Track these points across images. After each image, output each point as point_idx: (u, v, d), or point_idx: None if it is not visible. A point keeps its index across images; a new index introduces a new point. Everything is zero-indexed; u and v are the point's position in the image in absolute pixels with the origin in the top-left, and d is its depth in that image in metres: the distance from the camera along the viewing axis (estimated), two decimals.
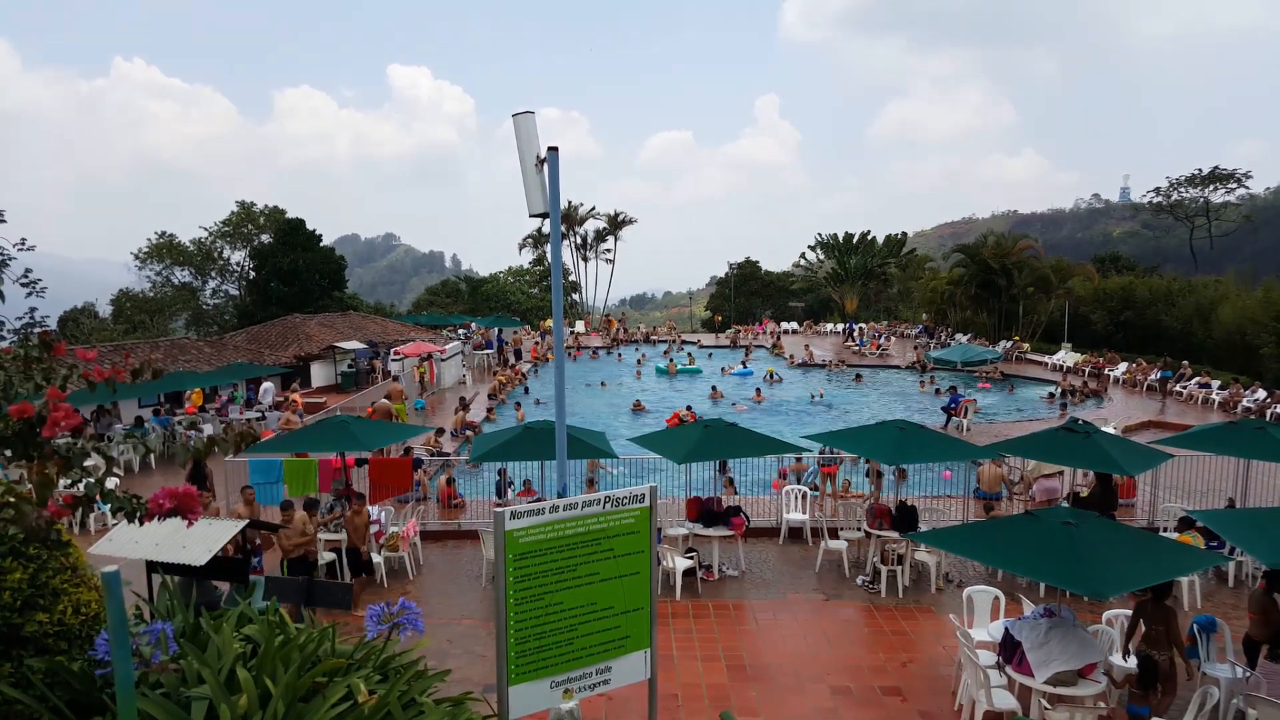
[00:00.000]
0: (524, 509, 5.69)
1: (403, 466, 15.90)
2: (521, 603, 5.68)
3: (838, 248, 67.39)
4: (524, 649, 5.70)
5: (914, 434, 13.30)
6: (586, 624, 5.94)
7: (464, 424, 24.25)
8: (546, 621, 5.77)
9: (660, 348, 48.57)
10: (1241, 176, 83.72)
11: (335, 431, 14.19)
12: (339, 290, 58.89)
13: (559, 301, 7.50)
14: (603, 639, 6.02)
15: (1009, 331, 49.22)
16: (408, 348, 33.73)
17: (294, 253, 55.07)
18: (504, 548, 5.60)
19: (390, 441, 15.42)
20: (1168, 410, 28.66)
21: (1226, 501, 14.94)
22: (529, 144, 7.15)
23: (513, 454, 13.86)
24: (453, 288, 77.81)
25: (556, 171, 7.09)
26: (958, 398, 27.45)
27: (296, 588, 9.03)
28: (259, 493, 15.03)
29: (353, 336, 37.82)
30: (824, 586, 13.12)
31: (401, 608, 3.19)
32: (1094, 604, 11.11)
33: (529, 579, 5.71)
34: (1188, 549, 10.49)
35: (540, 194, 7.15)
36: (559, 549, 5.80)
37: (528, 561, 5.69)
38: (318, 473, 14.74)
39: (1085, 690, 8.36)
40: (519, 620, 5.68)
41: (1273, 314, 37.68)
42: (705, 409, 28.85)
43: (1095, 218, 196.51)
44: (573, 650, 5.89)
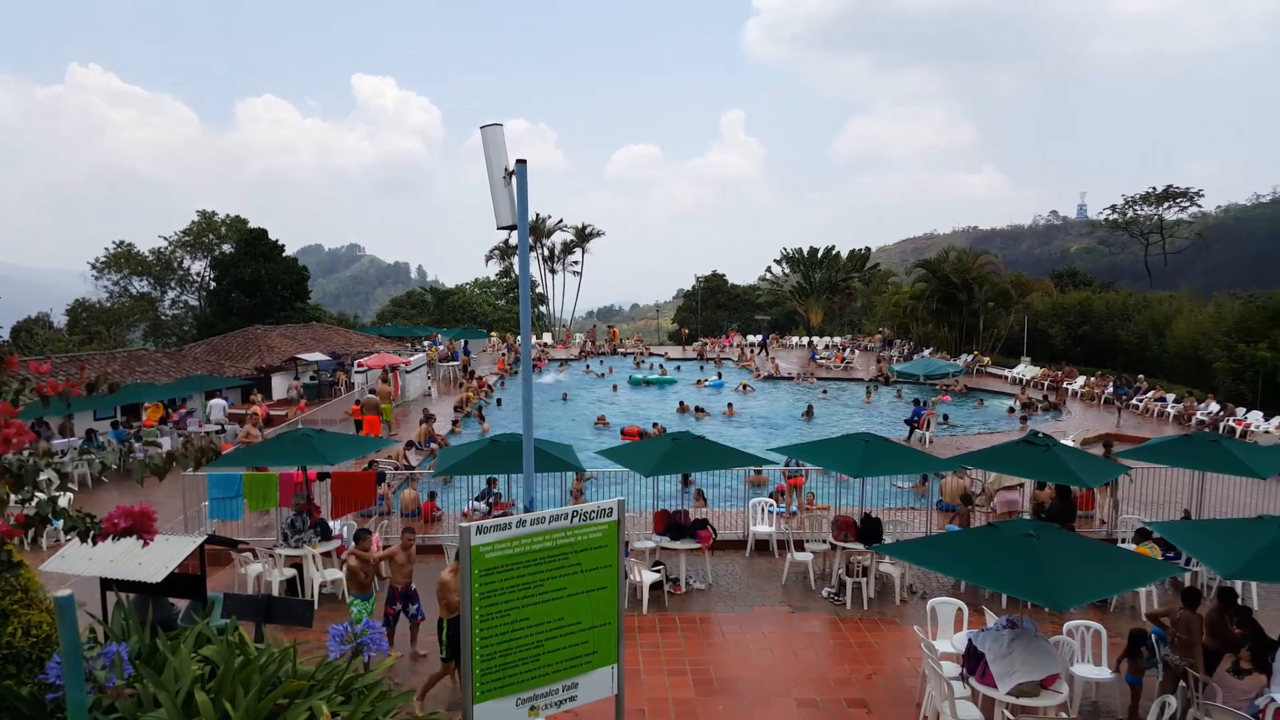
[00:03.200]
0: (490, 524, 5.64)
1: (366, 480, 15.69)
2: (487, 619, 5.62)
3: (803, 262, 67.96)
4: (489, 666, 5.63)
5: (879, 446, 13.40)
6: (553, 640, 5.88)
7: (429, 436, 24.01)
8: (513, 638, 5.71)
9: (628, 360, 48.58)
10: (1194, 195, 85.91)
11: (297, 445, 13.96)
12: (302, 301, 58.16)
13: (527, 314, 7.46)
14: (570, 655, 5.96)
15: (970, 345, 49.89)
16: (372, 359, 33.36)
17: (256, 263, 54.35)
18: (470, 563, 5.54)
19: (354, 455, 15.20)
20: (1124, 423, 29.18)
21: (1182, 513, 15.22)
22: (497, 156, 7.13)
23: (478, 467, 13.76)
24: (418, 299, 77.23)
25: (525, 184, 7.06)
26: (919, 410, 27.72)
27: (255, 605, 8.84)
28: (217, 508, 14.76)
29: (316, 348, 37.36)
30: (790, 599, 13.15)
31: (365, 627, 3.12)
32: (1055, 615, 11.24)
33: (495, 595, 5.64)
34: (1145, 560, 10.67)
35: (508, 206, 7.12)
36: (526, 564, 5.74)
37: (494, 577, 5.63)
38: (278, 487, 14.49)
39: (1047, 701, 8.45)
40: (484, 637, 5.61)
41: (1224, 329, 38.59)
42: (673, 422, 28.83)
43: (1053, 234, 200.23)
44: (539, 667, 5.83)
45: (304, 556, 13.02)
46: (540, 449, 12.59)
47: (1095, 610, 12.25)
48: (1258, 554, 8.35)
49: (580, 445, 17.79)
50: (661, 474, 13.48)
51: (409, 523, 16.72)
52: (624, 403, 35.38)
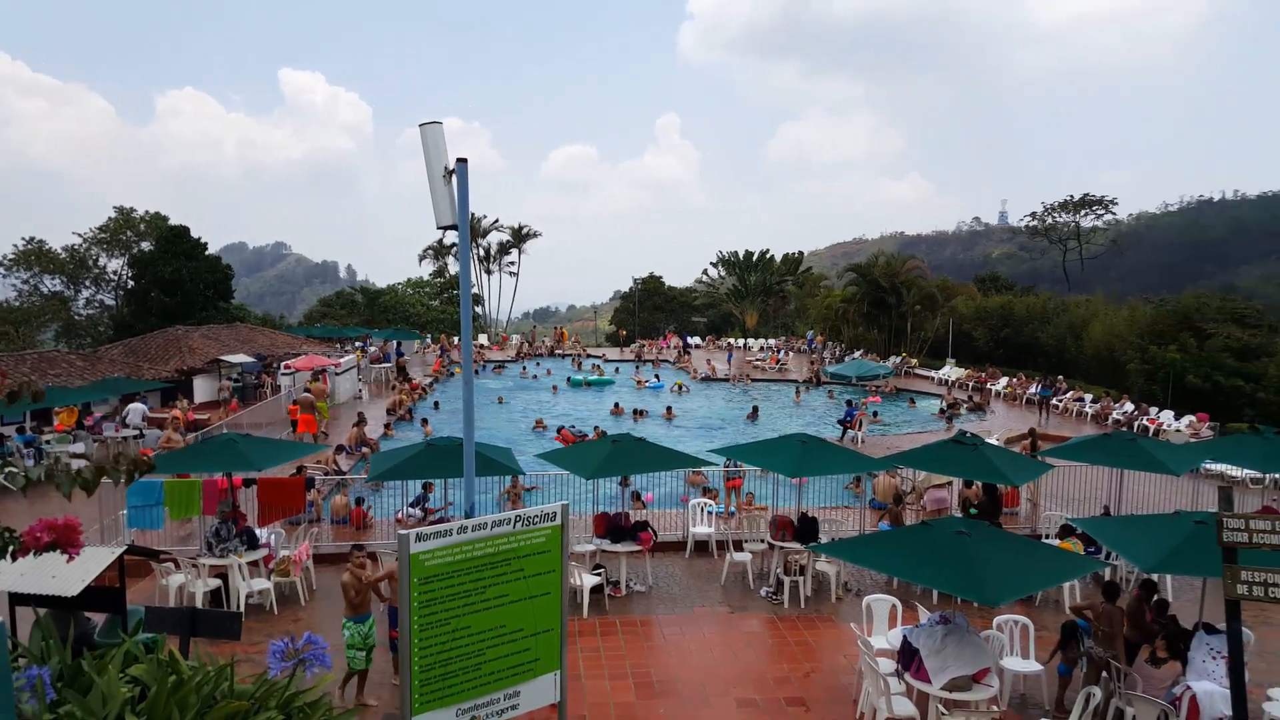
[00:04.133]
0: (430, 530, 5.52)
1: (294, 486, 15.27)
2: (426, 628, 5.50)
3: (738, 265, 68.69)
4: (429, 676, 5.52)
5: (815, 447, 13.57)
6: (495, 648, 5.79)
7: (360, 440, 23.51)
8: (453, 647, 5.60)
9: (566, 361, 48.35)
10: (1108, 203, 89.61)
11: (221, 450, 13.51)
12: (225, 301, 56.41)
13: (468, 315, 7.33)
14: (512, 663, 5.88)
15: (898, 347, 51.01)
16: (299, 361, 32.51)
17: (176, 261, 52.51)
18: (409, 571, 5.41)
19: (282, 461, 14.77)
20: (1047, 422, 30.16)
21: (1102, 509, 15.77)
22: (437, 155, 6.99)
23: (414, 472, 13.50)
24: (348, 299, 75.59)
25: (465, 183, 6.94)
26: (852, 411, 28.22)
27: (179, 618, 8.49)
28: (136, 517, 14.16)
29: (240, 349, 36.25)
30: (729, 599, 13.23)
31: (307, 642, 3.00)
32: (984, 610, 11.51)
33: (435, 603, 5.53)
34: (1070, 555, 11.04)
35: (449, 205, 6.99)
36: (467, 571, 5.64)
37: (434, 585, 5.51)
38: (201, 494, 13.98)
39: (979, 695, 8.65)
40: (423, 647, 5.49)
41: (1137, 332, 40.25)
42: (609, 424, 28.77)
43: (976, 240, 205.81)
44: (480, 676, 5.73)
45: (229, 566, 12.59)
46: (479, 453, 12.40)
47: (1021, 605, 12.59)
48: (1175, 548, 8.66)
49: (518, 449, 17.60)
50: (602, 476, 13.42)
51: (340, 530, 16.36)
52: (563, 405, 35.19)
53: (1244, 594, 6.13)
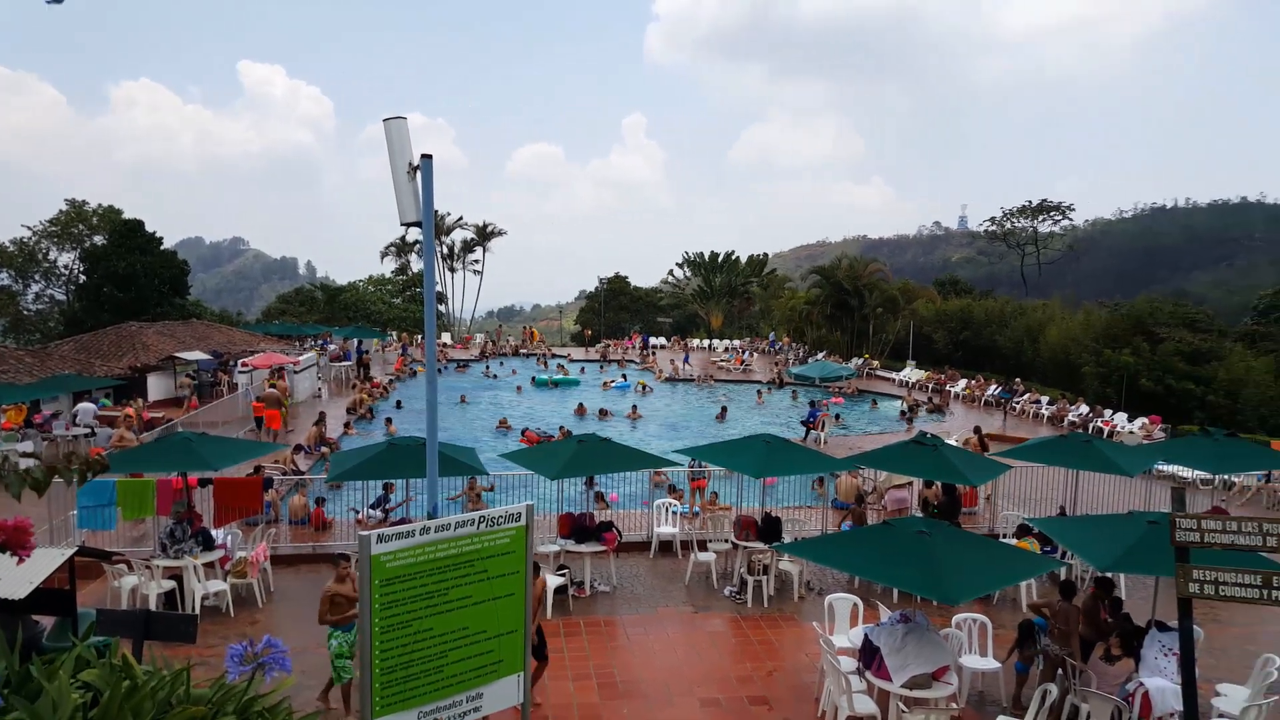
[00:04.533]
0: (392, 531, 5.44)
1: (252, 486, 15.03)
2: (387, 630, 5.42)
3: (704, 266, 68.89)
4: (390, 679, 5.44)
5: (779, 447, 13.65)
6: (457, 650, 5.72)
7: (319, 440, 23.20)
8: (415, 650, 5.52)
9: (531, 361, 48.15)
10: (1065, 209, 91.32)
11: (176, 449, 13.23)
12: (181, 297, 55.33)
13: (432, 313, 7.25)
14: (474, 665, 5.81)
15: (860, 349, 51.54)
16: (257, 359, 32.00)
17: (131, 255, 51.37)
18: (369, 573, 5.33)
19: (239, 460, 14.50)
20: (1005, 424, 30.65)
21: (1058, 509, 16.04)
22: (401, 150, 6.91)
23: (375, 472, 13.34)
24: (307, 296, 74.50)
25: (430, 180, 6.87)
26: (815, 412, 28.43)
27: (132, 620, 8.28)
28: (87, 517, 13.83)
29: (196, 346, 35.59)
30: (693, 599, 13.25)
31: (267, 645, 2.93)
32: (944, 608, 11.65)
33: (396, 605, 5.44)
34: (1027, 555, 11.21)
35: (413, 202, 6.91)
36: (429, 573, 5.56)
37: (395, 587, 5.43)
38: (155, 494, 13.68)
39: (938, 692, 8.74)
40: (384, 649, 5.41)
41: (1092, 336, 41.08)
42: (573, 425, 28.70)
43: (936, 244, 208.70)
44: (442, 679, 5.66)
45: (184, 567, 12.34)
46: (442, 453, 12.29)
47: (980, 603, 12.73)
48: (1129, 548, 8.84)
49: (482, 449, 17.49)
50: (567, 477, 13.37)
51: (298, 530, 16.12)
52: (527, 405, 35.03)
53: (1195, 592, 6.27)
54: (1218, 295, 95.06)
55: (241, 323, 61.03)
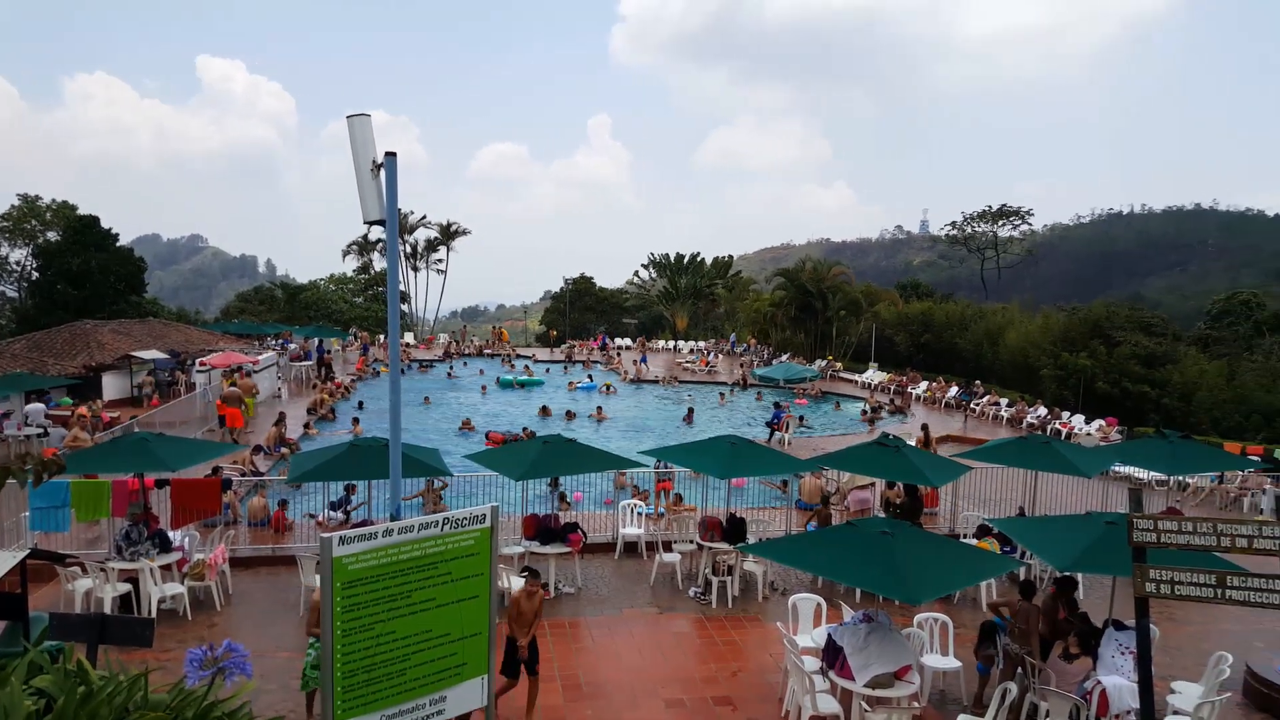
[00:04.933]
0: (354, 534, 5.37)
1: (210, 487, 14.77)
2: (350, 634, 5.35)
3: (669, 267, 68.95)
4: (352, 682, 5.37)
5: (744, 448, 13.71)
6: (421, 653, 5.66)
7: (279, 440, 22.86)
8: (377, 653, 5.46)
9: (496, 361, 47.84)
10: (1024, 214, 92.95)
11: (132, 450, 12.95)
12: (137, 295, 54.22)
13: (395, 312, 7.17)
14: (438, 667, 5.76)
15: (824, 351, 51.95)
16: (215, 358, 31.44)
17: (86, 252, 50.25)
18: (331, 576, 5.26)
19: (197, 461, 14.22)
20: (965, 426, 31.08)
21: (1017, 510, 16.28)
22: (364, 148, 6.83)
23: (336, 473, 13.17)
24: (267, 294, 73.41)
25: (394, 177, 6.79)
26: (779, 413, 28.59)
27: (87, 624, 8.09)
28: (40, 519, 13.48)
29: (152, 345, 34.87)
30: (658, 600, 13.25)
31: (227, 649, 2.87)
32: (906, 608, 11.77)
33: (358, 608, 5.38)
34: (987, 555, 11.37)
35: (376, 200, 6.84)
36: (392, 575, 5.50)
37: (358, 590, 5.37)
38: (111, 496, 13.39)
39: (900, 691, 8.82)
40: (347, 652, 5.34)
41: (1050, 339, 41.79)
42: (537, 427, 28.57)
43: (898, 247, 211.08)
44: (405, 681, 5.61)
45: (140, 570, 12.08)
46: (405, 454, 12.17)
47: (941, 603, 12.89)
48: (1087, 548, 8.99)
49: (445, 450, 17.33)
50: (532, 478, 13.31)
51: (257, 532, 15.86)
52: (492, 406, 34.82)
53: (1152, 591, 6.38)
54: (1172, 300, 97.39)
55: (199, 321, 60.00)
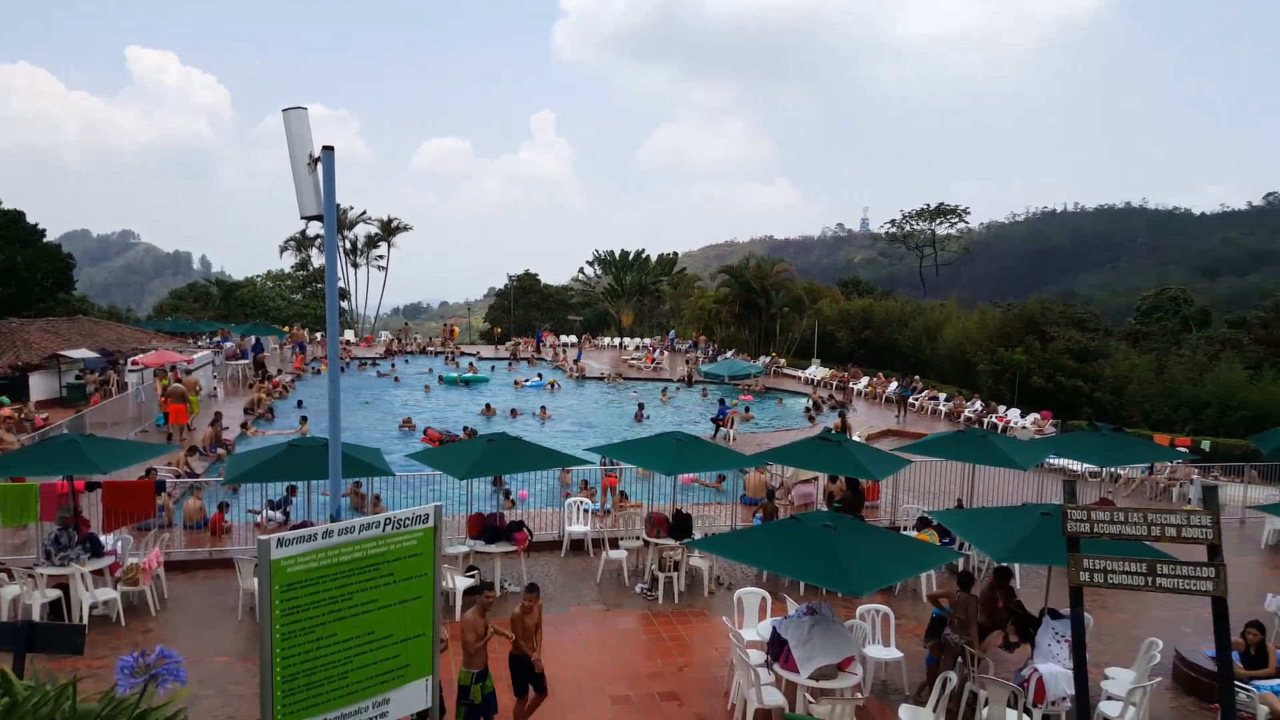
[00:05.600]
0: (293, 535, 5.26)
1: (143, 490, 14.35)
2: (289, 637, 5.24)
3: (614, 264, 69.02)
4: (292, 687, 5.26)
5: (690, 445, 13.78)
6: (363, 655, 5.57)
7: (215, 440, 22.31)
8: (318, 656, 5.36)
9: (439, 360, 47.30)
10: (961, 212, 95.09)
11: (61, 452, 12.52)
12: (65, 292, 52.42)
13: (334, 310, 7.04)
14: (380, 670, 5.67)
15: (768, 347, 52.47)
16: (148, 357, 30.55)
17: (10, 248, 48.34)
18: (269, 579, 5.14)
19: (130, 462, 13.80)
20: (904, 420, 31.67)
21: (956, 502, 16.65)
22: (301, 142, 6.69)
23: (274, 474, 12.89)
24: (202, 291, 71.59)
25: (332, 172, 6.67)
26: (725, 409, 28.81)
27: (14, 632, 7.79)
28: None
29: (82, 344, 33.74)
30: (605, 597, 13.25)
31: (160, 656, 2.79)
32: (848, 600, 11.95)
33: (298, 611, 5.27)
34: (927, 546, 11.58)
35: (313, 195, 6.70)
36: (333, 577, 5.40)
37: (297, 592, 5.25)
38: (38, 500, 12.91)
39: (844, 682, 8.95)
40: (286, 656, 5.23)
41: (987, 335, 42.77)
42: (481, 425, 28.34)
43: (839, 245, 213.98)
44: (347, 685, 5.51)
45: (71, 575, 11.69)
46: (346, 454, 11.95)
47: (882, 594, 13.13)
48: (1023, 539, 9.22)
49: (386, 449, 17.09)
50: (476, 476, 13.19)
51: (193, 535, 15.45)
52: (435, 405, 34.43)
53: (1086, 580, 6.55)
54: (1103, 296, 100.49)
55: (132, 319, 58.25)
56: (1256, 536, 17.92)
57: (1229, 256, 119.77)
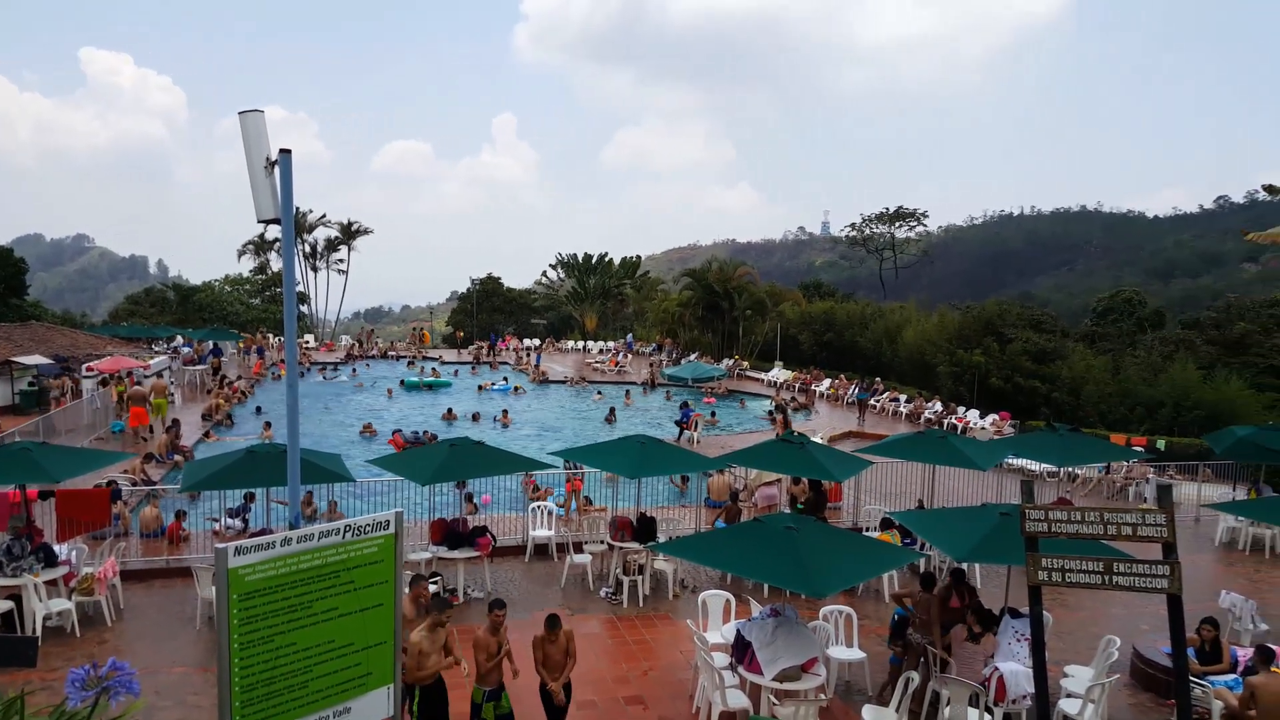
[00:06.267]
0: (251, 543, 5.20)
1: (98, 498, 14.06)
2: (247, 646, 5.17)
3: (578, 267, 68.86)
4: (251, 697, 5.19)
5: (654, 448, 13.81)
6: (323, 664, 5.51)
7: (172, 447, 21.90)
8: (277, 665, 5.29)
9: (401, 364, 46.85)
10: (920, 215, 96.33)
11: (13, 460, 12.21)
12: (18, 297, 51.21)
13: (292, 314, 6.96)
14: (342, 679, 5.62)
15: (730, 350, 52.72)
16: (104, 363, 29.91)
17: None
18: (227, 588, 5.07)
19: (85, 470, 13.50)
20: (864, 422, 31.97)
21: (916, 502, 16.83)
22: (258, 144, 6.60)
23: (232, 481, 12.69)
24: (158, 296, 70.25)
25: (289, 175, 6.59)
26: (688, 412, 28.87)
27: None
28: None
29: (35, 350, 32.93)
30: (569, 601, 13.22)
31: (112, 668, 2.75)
32: (811, 601, 12.04)
33: (257, 620, 5.20)
34: (889, 547, 11.70)
35: (270, 198, 6.62)
36: (292, 585, 5.34)
37: (255, 601, 5.19)
38: None
39: (807, 684, 9.01)
40: (244, 666, 5.16)
41: (946, 337, 43.34)
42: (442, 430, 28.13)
43: (801, 248, 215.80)
44: (307, 694, 5.45)
45: (23, 586, 11.41)
46: (306, 460, 11.81)
47: (845, 595, 13.25)
48: (982, 539, 9.33)
49: (347, 455, 16.89)
50: (439, 481, 13.10)
51: (150, 544, 15.16)
52: (397, 410, 34.08)
53: (1044, 580, 6.64)
54: (1060, 298, 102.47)
55: (86, 325, 57.02)
56: (1211, 534, 18.35)
57: (1181, 258, 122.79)
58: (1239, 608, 12.20)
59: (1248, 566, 16.50)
